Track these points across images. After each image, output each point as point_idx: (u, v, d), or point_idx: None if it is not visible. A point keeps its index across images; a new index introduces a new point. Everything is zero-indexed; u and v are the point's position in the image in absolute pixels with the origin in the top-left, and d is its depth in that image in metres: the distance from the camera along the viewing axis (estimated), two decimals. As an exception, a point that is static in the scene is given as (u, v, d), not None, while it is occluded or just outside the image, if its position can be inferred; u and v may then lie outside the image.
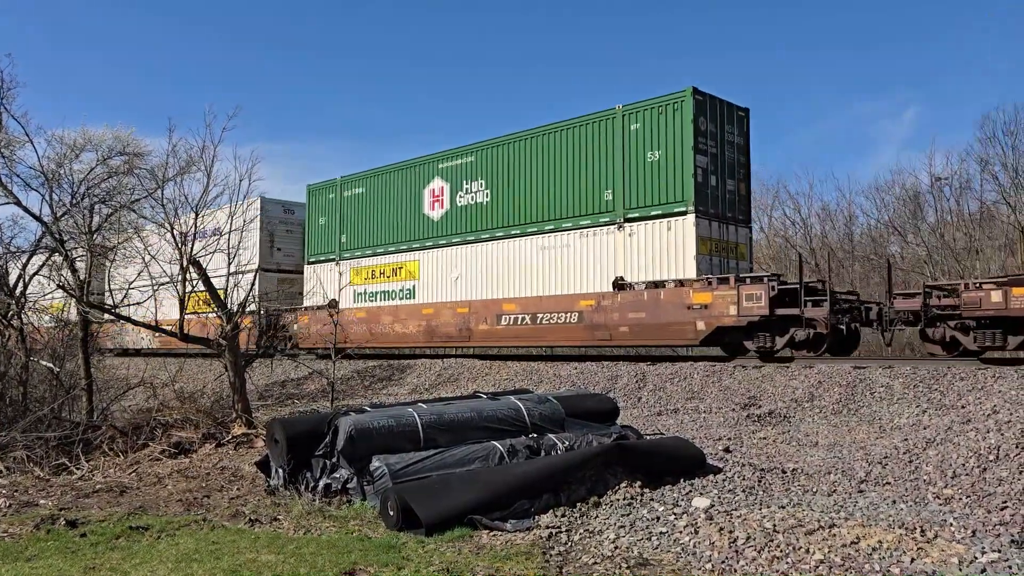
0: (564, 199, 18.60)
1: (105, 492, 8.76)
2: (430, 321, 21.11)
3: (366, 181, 23.86)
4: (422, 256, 21.87)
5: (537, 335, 18.76)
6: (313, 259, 25.53)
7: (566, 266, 18.38)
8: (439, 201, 21.64)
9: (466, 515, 6.54)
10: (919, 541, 5.49)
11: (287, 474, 8.07)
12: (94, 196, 16.19)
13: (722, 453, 8.86)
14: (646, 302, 16.67)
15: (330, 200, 25.09)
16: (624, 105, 17.59)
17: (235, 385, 12.57)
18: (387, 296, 22.87)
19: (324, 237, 25.27)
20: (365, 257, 23.71)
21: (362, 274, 23.66)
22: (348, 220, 24.43)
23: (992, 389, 11.01)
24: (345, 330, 21.80)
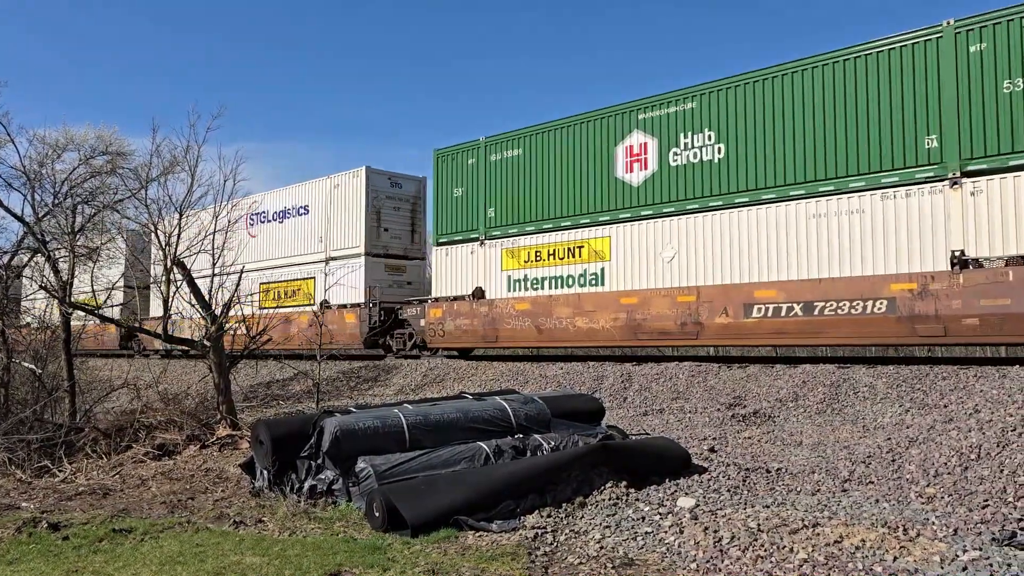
0: (852, 150, 14.13)
1: (88, 494, 8.69)
2: (632, 313, 16.46)
3: (525, 141, 19.10)
4: (614, 231, 17.20)
5: (813, 331, 14.25)
6: (445, 239, 20.82)
7: (858, 238, 13.96)
8: (640, 161, 16.96)
9: (452, 516, 6.54)
10: (902, 540, 5.54)
11: (272, 476, 8.04)
12: (77, 196, 16.09)
13: (707, 453, 8.90)
14: (1012, 284, 12.25)
15: (469, 167, 20.26)
16: (957, 20, 13.22)
17: (220, 386, 12.50)
18: (560, 283, 18.23)
19: (460, 212, 20.47)
20: (524, 235, 18.94)
21: (520, 256, 19.02)
22: (497, 190, 19.63)
23: (974, 389, 11.11)
24: (497, 326, 18.71)
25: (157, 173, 14.19)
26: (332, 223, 23.83)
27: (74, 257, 14.46)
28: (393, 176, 23.53)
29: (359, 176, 23.03)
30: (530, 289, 18.76)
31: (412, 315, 21.25)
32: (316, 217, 24.44)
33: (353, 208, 23.22)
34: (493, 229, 19.70)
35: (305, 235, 24.78)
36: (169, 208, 13.64)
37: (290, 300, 24.78)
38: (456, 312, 19.79)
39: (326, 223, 24.07)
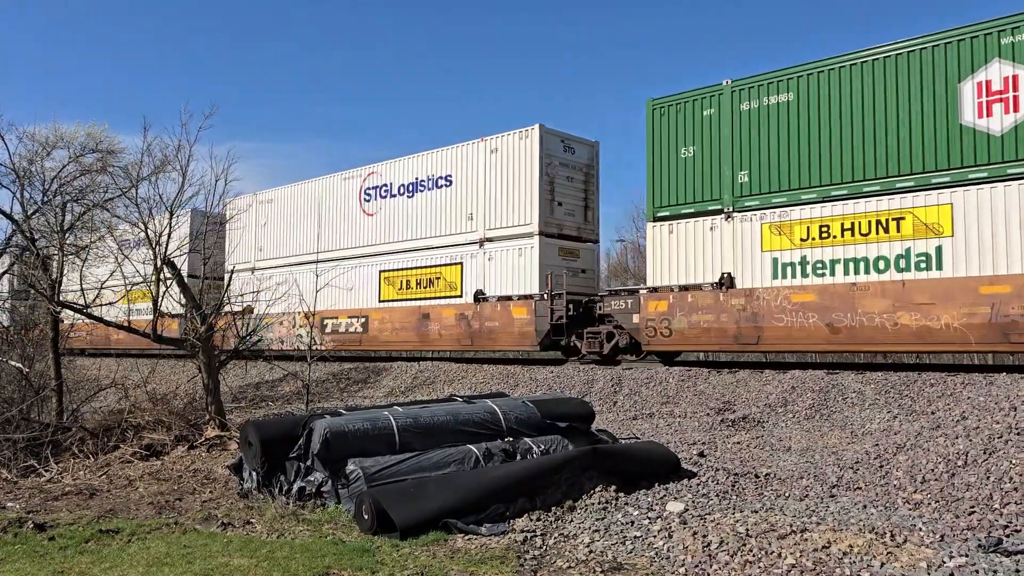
0: None
1: (75, 495, 8.64)
2: (1001, 307, 12.45)
3: (799, 83, 14.97)
4: (959, 196, 13.09)
5: None
6: (667, 212, 16.49)
7: None
8: (1004, 101, 12.88)
9: (441, 519, 6.53)
10: (889, 546, 5.56)
11: (261, 477, 8.01)
12: (66, 194, 16.01)
13: (696, 457, 8.92)
14: None
15: (705, 120, 16.13)
16: None
17: (208, 387, 12.45)
18: (863, 267, 13.92)
19: (692, 178, 16.22)
20: (798, 206, 14.74)
21: (793, 233, 14.71)
22: (753, 148, 15.43)
23: (961, 396, 11.19)
24: (759, 323, 14.78)
25: (148, 172, 14.12)
26: (489, 196, 19.53)
27: (63, 255, 14.39)
28: (566, 138, 19.39)
29: (530, 137, 18.76)
30: (811, 275, 14.37)
31: (618, 309, 16.95)
32: (463, 189, 20.22)
33: (521, 177, 18.88)
34: (746, 198, 15.33)
35: (447, 212, 20.54)
36: (160, 207, 13.57)
37: (424, 291, 20.83)
38: (692, 305, 15.65)
39: (479, 196, 19.77)
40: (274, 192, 26.13)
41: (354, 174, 23.35)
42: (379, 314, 21.83)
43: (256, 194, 26.52)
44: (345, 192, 23.50)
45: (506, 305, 18.78)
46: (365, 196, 22.95)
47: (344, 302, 22.76)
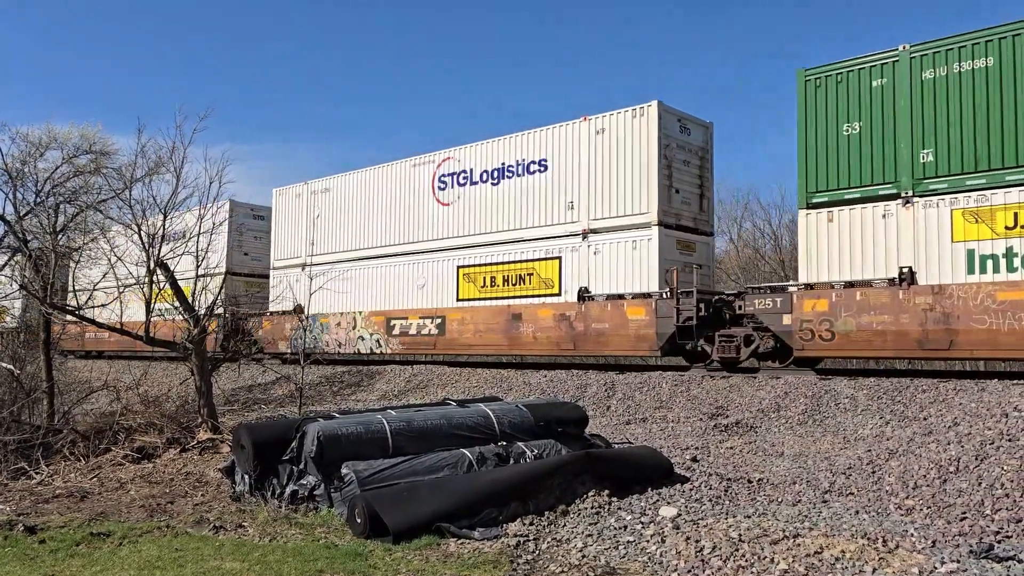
0: None
1: (65, 497, 8.59)
2: None
3: (993, 46, 12.97)
4: None
5: None
6: (825, 197, 14.26)
7: None
8: None
9: (434, 523, 6.53)
10: (881, 551, 5.58)
11: (253, 480, 7.99)
12: (59, 195, 15.98)
13: (689, 462, 8.93)
14: None
15: (874, 90, 13.96)
16: None
17: (201, 389, 12.40)
18: None
19: (858, 158, 14.02)
20: (998, 188, 12.60)
21: (997, 220, 12.59)
22: (937, 123, 13.33)
23: (953, 402, 11.22)
24: (952, 325, 12.65)
25: (142, 173, 14.08)
26: (595, 182, 17.27)
27: (56, 257, 14.33)
28: (683, 118, 17.25)
29: (646, 115, 16.57)
30: (1021, 269, 12.30)
31: (763, 309, 14.75)
32: (562, 175, 17.90)
33: (634, 160, 16.65)
34: (931, 181, 13.21)
35: (541, 200, 18.24)
36: (153, 209, 13.53)
37: (514, 289, 18.54)
38: (861, 304, 13.54)
39: (581, 182, 17.51)
40: (330, 181, 23.73)
41: (425, 160, 20.97)
42: (458, 314, 19.31)
43: (308, 183, 24.40)
44: (415, 180, 21.11)
45: (618, 305, 16.43)
46: (439, 184, 20.41)
47: (414, 301, 20.59)
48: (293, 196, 24.61)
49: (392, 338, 20.78)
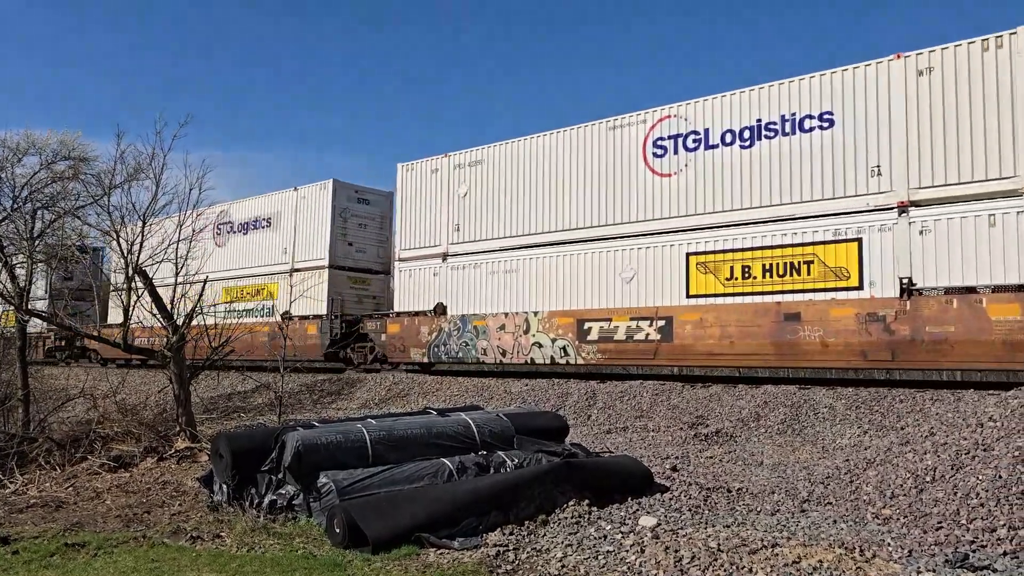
0: None
1: (40, 507, 8.47)
2: None
3: None
4: None
5: None
6: None
7: None
8: None
9: (414, 532, 6.49)
10: (858, 561, 5.62)
11: (231, 490, 7.91)
12: (37, 201, 15.81)
13: (669, 472, 8.96)
14: None
15: None
16: None
17: (180, 397, 12.29)
18: None
19: None
20: None
21: None
22: None
23: (930, 412, 11.34)
24: None
25: (121, 180, 13.97)
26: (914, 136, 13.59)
27: (32, 263, 14.18)
28: None
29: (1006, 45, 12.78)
30: None
31: None
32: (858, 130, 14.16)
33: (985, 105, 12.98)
34: None
35: (825, 164, 14.43)
36: (132, 216, 13.42)
37: (782, 281, 14.73)
38: None
39: (890, 138, 13.81)
40: (482, 151, 19.72)
41: (632, 120, 17.07)
42: (692, 314, 15.47)
43: (449, 155, 20.47)
44: (616, 145, 17.22)
45: (971, 302, 12.55)
46: (656, 150, 16.63)
47: (617, 298, 16.75)
48: (428, 172, 20.77)
49: (586, 345, 16.86)
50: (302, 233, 24.58)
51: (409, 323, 20.37)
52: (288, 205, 25.14)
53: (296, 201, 24.84)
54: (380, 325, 21.38)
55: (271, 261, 25.54)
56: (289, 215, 24.99)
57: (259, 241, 26.09)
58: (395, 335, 20.59)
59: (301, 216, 24.66)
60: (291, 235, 24.87)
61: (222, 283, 26.29)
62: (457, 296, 19.45)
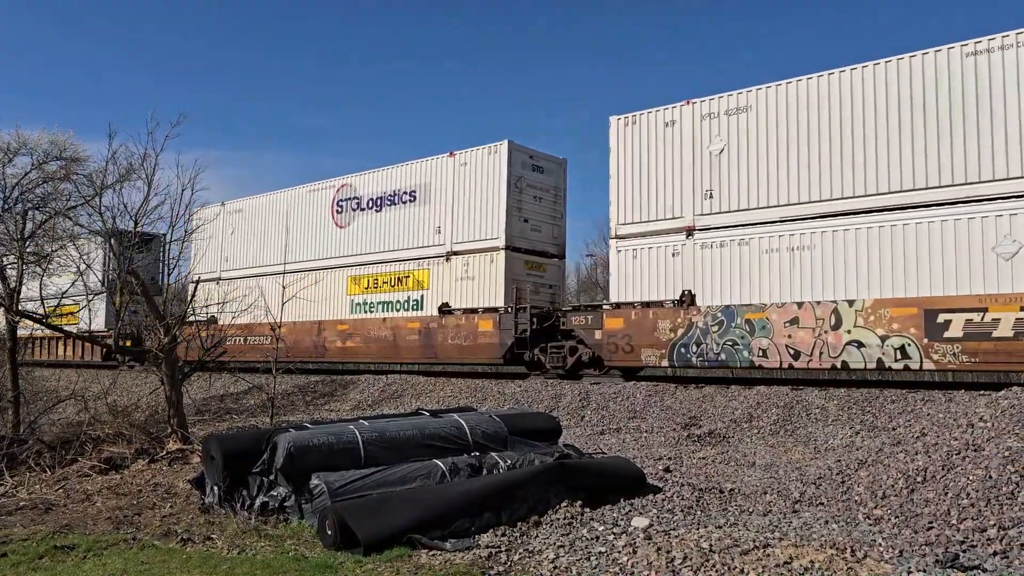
0: None
1: (30, 509, 8.43)
2: None
3: None
4: None
5: None
6: None
7: None
8: None
9: (406, 534, 6.48)
10: (849, 561, 5.63)
11: (223, 492, 7.89)
12: (28, 201, 15.74)
13: (662, 473, 8.96)
14: None
15: None
16: None
17: (171, 399, 12.24)
18: None
19: None
20: None
21: None
22: None
23: (921, 412, 11.38)
24: None
25: (113, 180, 13.92)
26: None
27: (23, 264, 14.11)
28: None
29: None
30: None
31: None
32: None
33: None
34: None
35: None
36: (124, 216, 13.37)
37: None
38: None
39: None
40: (747, 96, 15.56)
41: None
42: None
43: (693, 102, 16.22)
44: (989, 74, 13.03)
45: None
46: None
47: (991, 281, 12.73)
48: (657, 125, 16.66)
49: (942, 344, 12.98)
50: (464, 208, 20.11)
51: (640, 317, 16.09)
52: (442, 174, 20.71)
53: (454, 169, 20.41)
54: (593, 320, 16.99)
55: (418, 243, 21.07)
56: (444, 186, 20.56)
57: (400, 219, 21.59)
58: (616, 332, 16.39)
59: (462, 187, 20.20)
60: (447, 211, 20.41)
61: (346, 271, 22.70)
62: (711, 281, 15.39)
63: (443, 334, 19.55)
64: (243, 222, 26.27)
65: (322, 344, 22.54)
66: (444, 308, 19.82)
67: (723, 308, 15.07)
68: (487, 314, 18.85)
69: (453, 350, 19.33)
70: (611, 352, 16.55)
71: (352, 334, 21.80)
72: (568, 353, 17.65)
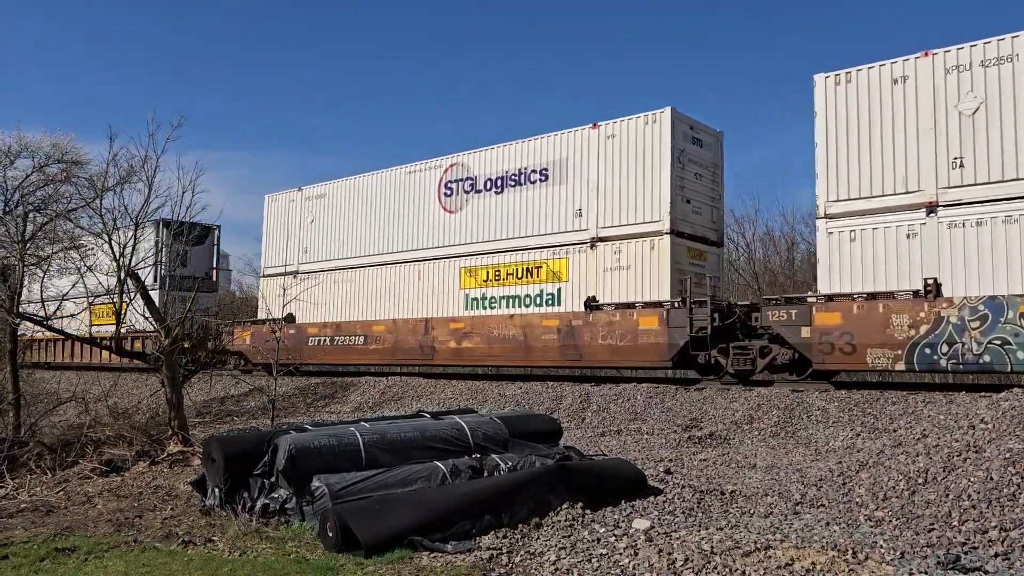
0: None
1: (30, 511, 8.43)
2: None
3: None
4: None
5: None
6: None
7: None
8: None
9: (407, 536, 6.48)
10: (851, 563, 5.63)
11: (224, 494, 7.89)
12: (29, 204, 15.75)
13: (663, 474, 8.96)
14: None
15: None
16: None
17: (172, 401, 12.24)
18: None
19: None
20: None
21: None
22: None
23: (922, 414, 11.38)
24: None
25: (113, 182, 13.92)
26: None
27: (23, 266, 14.11)
28: None
29: None
30: None
31: None
32: None
33: None
34: None
35: None
36: (125, 218, 13.36)
37: None
38: None
39: None
40: (1011, 41, 12.82)
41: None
42: None
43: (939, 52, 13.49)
44: None
45: None
46: None
47: None
48: (882, 82, 14.09)
49: None
50: (613, 187, 17.43)
51: (866, 311, 13.56)
52: (582, 149, 17.99)
53: (599, 142, 17.74)
54: (798, 314, 14.37)
55: (552, 228, 18.26)
56: (585, 163, 17.88)
57: (528, 202, 18.74)
58: (832, 330, 13.95)
59: (609, 163, 17.56)
60: (590, 190, 17.72)
61: (457, 261, 19.79)
62: (963, 267, 12.82)
63: (590, 333, 16.80)
64: (326, 209, 23.41)
65: (430, 345, 19.66)
66: (592, 303, 17.00)
67: (987, 300, 12.38)
68: (650, 309, 16.14)
69: (603, 351, 16.70)
70: (824, 353, 14.01)
71: (469, 333, 18.88)
72: (758, 354, 15.26)
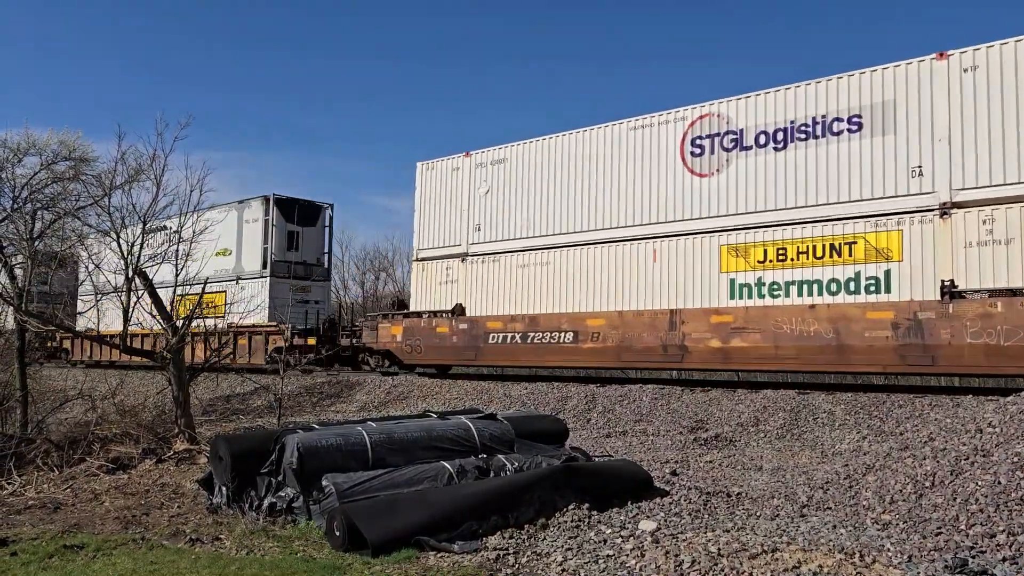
0: None
1: (38, 509, 8.47)
2: None
3: None
4: None
5: None
6: None
7: None
8: None
9: (413, 536, 6.49)
10: (858, 566, 5.61)
11: (231, 492, 7.91)
12: (37, 202, 15.82)
13: (669, 476, 8.95)
14: None
15: None
16: None
17: (178, 399, 12.28)
18: None
19: None
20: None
21: None
22: None
23: (929, 417, 11.36)
24: None
25: (122, 181, 13.97)
26: None
27: (32, 263, 14.17)
28: None
29: None
30: None
31: None
32: None
33: None
34: None
35: None
36: (132, 217, 13.42)
37: None
38: None
39: None
40: None
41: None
42: None
43: None
44: None
45: None
46: None
47: None
48: None
49: None
50: (976, 135, 13.36)
51: None
52: (921, 88, 13.95)
53: (947, 77, 13.65)
54: None
55: (875, 192, 14.29)
56: (925, 105, 13.85)
57: (827, 159, 14.80)
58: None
59: (966, 103, 13.46)
60: (936, 141, 13.70)
61: (715, 237, 15.98)
62: None
63: (953, 329, 12.89)
64: (507, 177, 19.35)
65: (678, 343, 15.87)
66: (951, 289, 13.04)
67: None
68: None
69: (977, 353, 12.80)
70: None
71: (743, 329, 15.07)
72: None
